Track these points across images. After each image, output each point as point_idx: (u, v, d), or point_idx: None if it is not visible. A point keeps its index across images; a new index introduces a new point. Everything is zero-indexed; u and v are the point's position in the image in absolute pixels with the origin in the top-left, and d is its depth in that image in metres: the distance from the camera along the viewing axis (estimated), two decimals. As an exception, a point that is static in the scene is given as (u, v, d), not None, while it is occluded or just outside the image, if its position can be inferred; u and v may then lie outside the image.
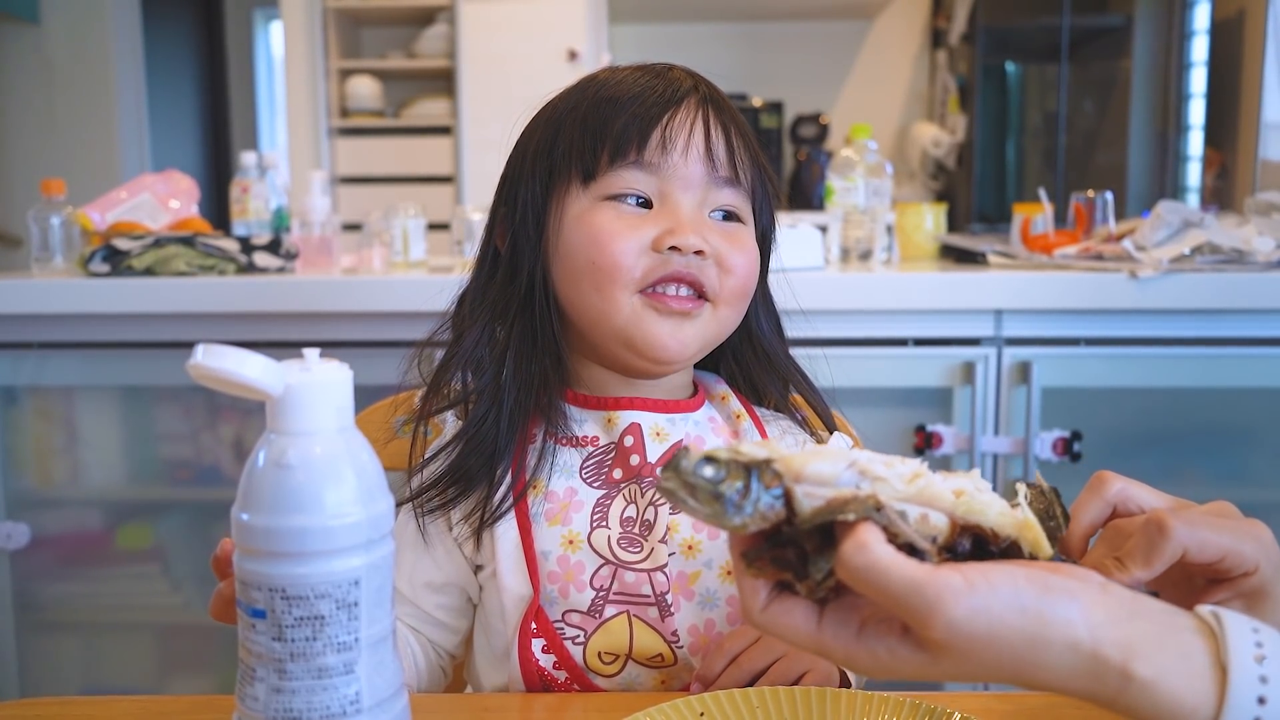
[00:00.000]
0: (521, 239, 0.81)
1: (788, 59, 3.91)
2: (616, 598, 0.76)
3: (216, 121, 5.43)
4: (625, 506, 0.78)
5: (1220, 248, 1.62)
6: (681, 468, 0.47)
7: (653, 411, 0.81)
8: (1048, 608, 0.45)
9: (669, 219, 0.77)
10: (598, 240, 0.76)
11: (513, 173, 0.83)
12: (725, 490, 0.46)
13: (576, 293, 0.78)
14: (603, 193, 0.77)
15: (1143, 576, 0.53)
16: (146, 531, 1.87)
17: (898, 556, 0.45)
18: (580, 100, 0.80)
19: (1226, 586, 0.54)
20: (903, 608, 0.45)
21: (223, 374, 0.49)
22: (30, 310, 1.67)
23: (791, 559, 0.48)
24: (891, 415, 1.66)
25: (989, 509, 0.49)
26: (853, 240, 1.84)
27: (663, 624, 0.76)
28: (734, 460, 0.47)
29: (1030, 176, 3.43)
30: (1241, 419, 1.70)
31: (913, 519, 0.48)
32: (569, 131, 0.79)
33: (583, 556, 0.76)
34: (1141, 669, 0.44)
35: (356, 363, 0.56)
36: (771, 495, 0.47)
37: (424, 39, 3.63)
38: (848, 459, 0.48)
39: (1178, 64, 2.93)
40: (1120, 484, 0.57)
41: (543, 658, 0.76)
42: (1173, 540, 0.52)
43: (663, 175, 0.77)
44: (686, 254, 0.76)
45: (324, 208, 2.01)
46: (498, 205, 0.84)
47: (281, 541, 0.51)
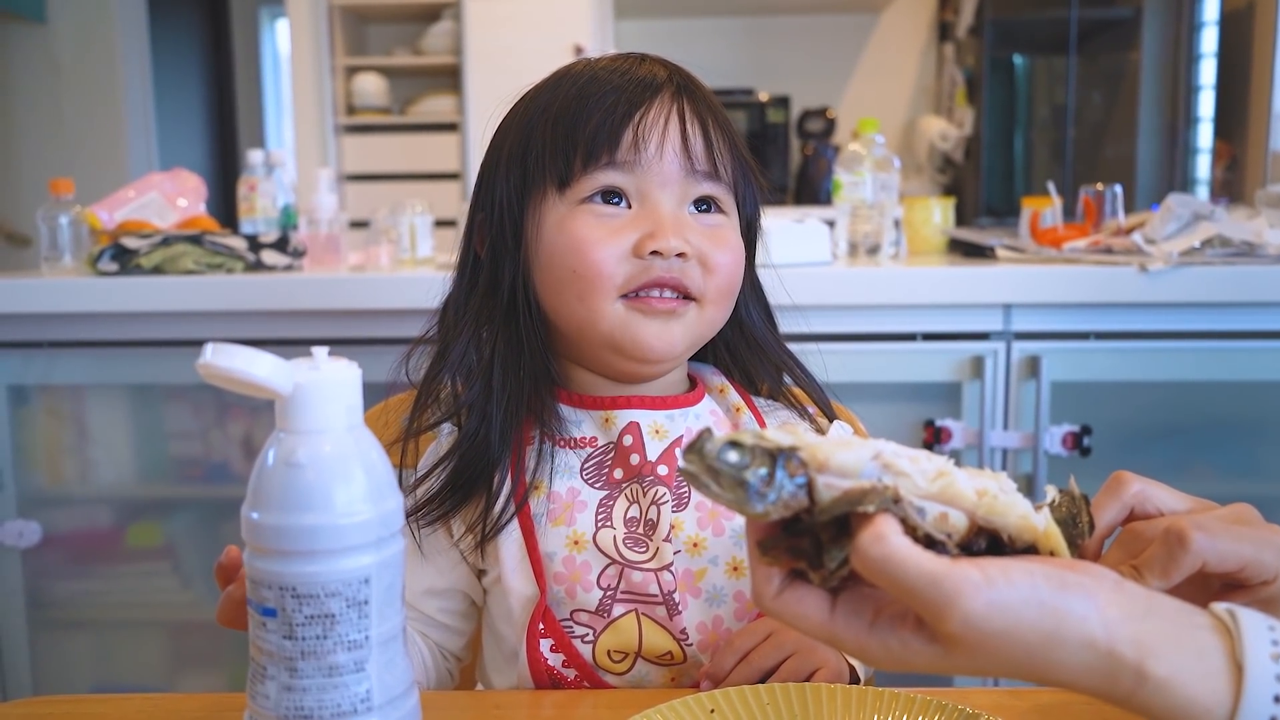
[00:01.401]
0: (500, 246, 0.80)
1: (794, 53, 3.90)
2: (624, 597, 0.76)
3: (223, 120, 5.43)
4: (629, 506, 0.77)
5: (1231, 241, 1.62)
6: (705, 450, 0.46)
7: (650, 409, 0.80)
8: (1064, 604, 0.45)
9: (648, 221, 0.75)
10: (579, 249, 0.74)
11: (488, 176, 0.81)
12: (749, 477, 0.45)
13: (560, 301, 0.77)
14: (579, 196, 0.76)
15: (1160, 587, 0.52)
16: (156, 529, 1.88)
17: (915, 549, 0.45)
18: (551, 100, 0.78)
19: (1243, 593, 0.54)
20: (918, 601, 0.45)
21: (232, 373, 0.49)
22: (39, 309, 1.67)
23: (807, 548, 0.47)
24: (900, 410, 1.66)
25: (1011, 512, 0.49)
26: (860, 235, 1.83)
27: (671, 622, 0.75)
28: (759, 446, 0.46)
29: (1038, 170, 3.41)
30: (1252, 413, 1.69)
31: (931, 517, 0.47)
32: (541, 135, 0.77)
33: (589, 557, 0.76)
34: (1157, 667, 0.44)
35: (364, 360, 0.56)
36: (795, 484, 0.46)
37: (430, 36, 3.63)
38: (873, 450, 0.47)
39: (1187, 56, 2.91)
40: (1139, 485, 0.57)
41: (551, 657, 0.76)
42: (1192, 553, 0.51)
43: (639, 174, 0.76)
44: (669, 257, 0.74)
45: (331, 205, 2.01)
46: (475, 209, 0.83)
47: (292, 540, 0.51)
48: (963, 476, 0.49)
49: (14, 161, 4.04)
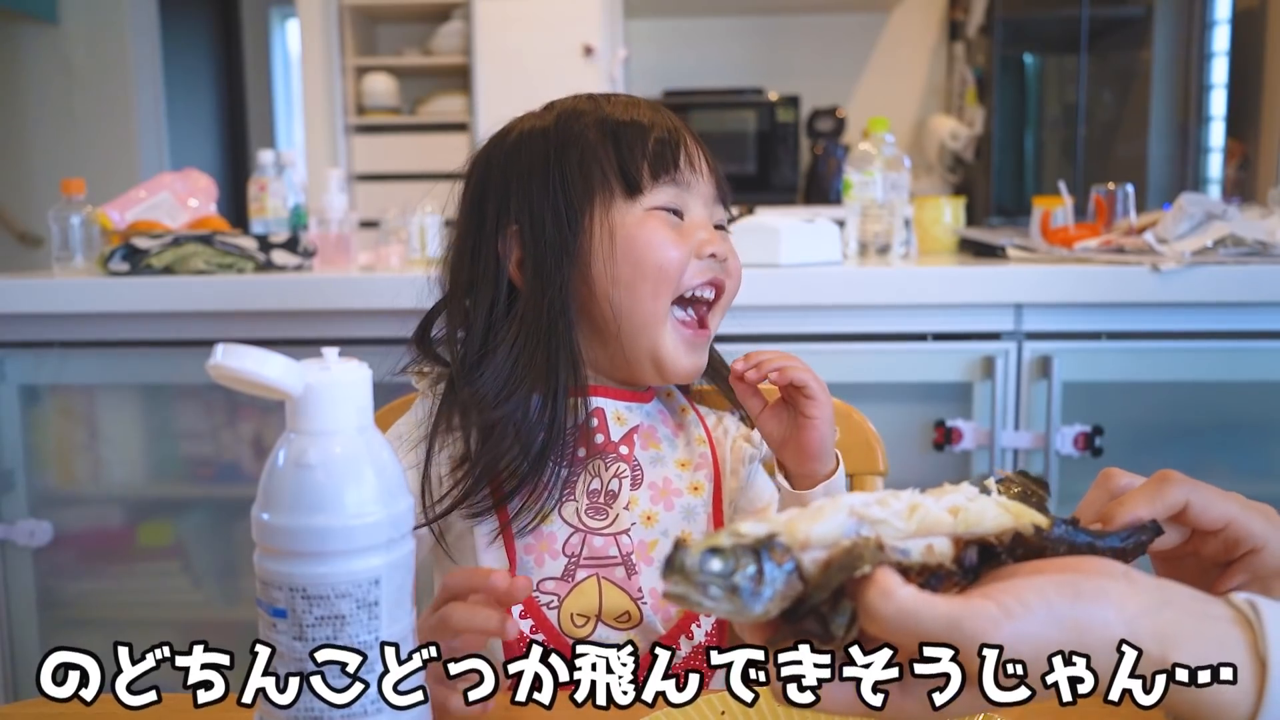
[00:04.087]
0: (547, 251, 0.84)
1: (804, 52, 3.90)
2: (587, 562, 0.84)
3: (234, 120, 5.45)
4: (590, 480, 0.86)
5: (1244, 240, 1.61)
6: (687, 568, 0.43)
7: (614, 399, 0.89)
8: (1082, 615, 0.44)
9: (700, 229, 0.86)
10: (661, 246, 0.84)
11: (508, 190, 0.86)
12: (739, 580, 0.43)
13: (631, 296, 0.84)
14: (649, 204, 0.85)
15: (1143, 514, 0.54)
16: (167, 529, 1.88)
17: (925, 596, 0.44)
18: (593, 123, 0.86)
19: (1240, 568, 0.55)
20: (941, 646, 0.44)
21: (243, 374, 0.49)
22: (51, 309, 1.68)
23: (813, 628, 0.46)
24: (911, 411, 1.65)
25: (984, 516, 0.49)
26: (871, 234, 1.83)
27: (629, 582, 0.84)
28: (739, 545, 0.44)
29: (1049, 169, 3.40)
30: (1265, 413, 1.68)
31: (917, 553, 0.47)
32: (598, 148, 0.85)
33: (554, 528, 0.84)
34: (1179, 659, 0.44)
35: (374, 360, 0.56)
36: (785, 571, 0.44)
37: (440, 36, 3.64)
38: (845, 509, 0.47)
39: (1198, 54, 2.90)
40: (1123, 478, 0.58)
41: (521, 623, 0.82)
42: (1175, 487, 0.54)
43: (689, 191, 0.87)
44: (721, 260, 0.86)
45: (341, 205, 2.01)
46: (496, 228, 0.87)
47: (302, 541, 0.51)
48: (931, 502, 0.48)
49: (26, 162, 4.05)
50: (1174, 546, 0.57)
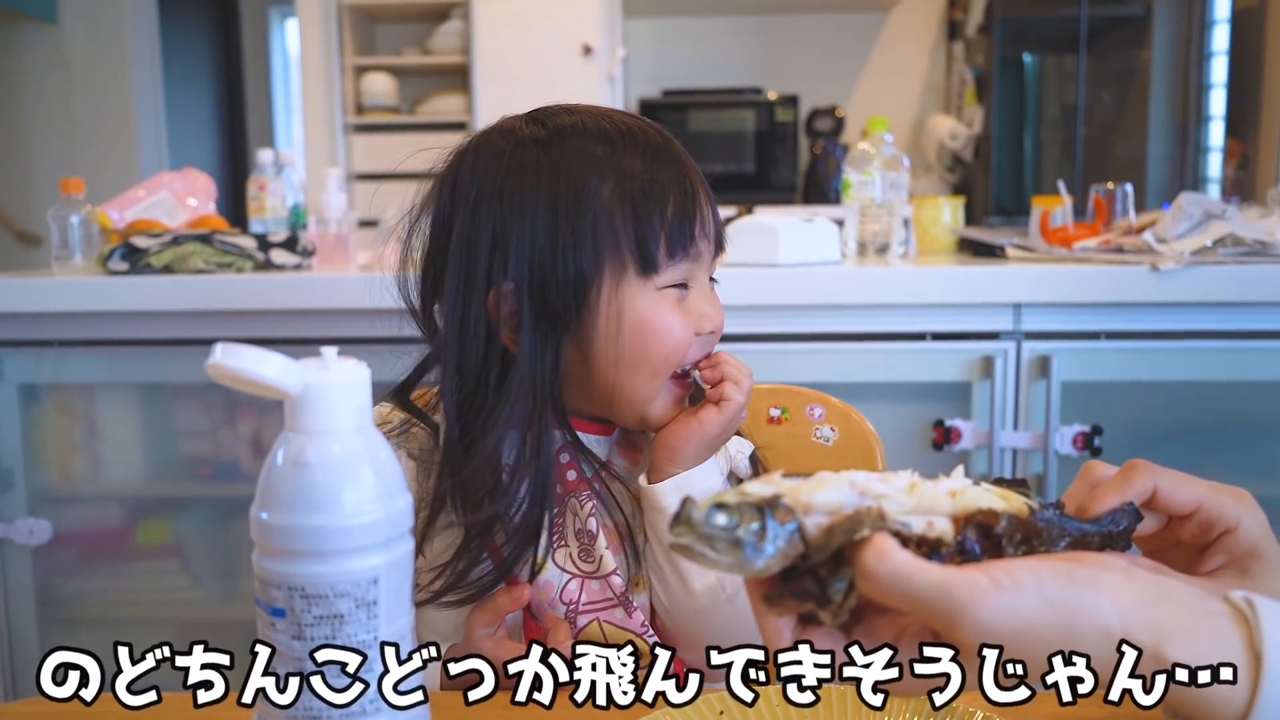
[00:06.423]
0: (547, 325, 0.78)
1: (803, 52, 3.89)
2: (586, 608, 0.82)
3: (233, 119, 5.44)
4: (573, 520, 0.83)
5: (1243, 239, 1.61)
6: (693, 520, 0.45)
7: (583, 431, 0.84)
8: (1074, 598, 0.45)
9: (700, 302, 0.81)
10: (670, 333, 0.79)
11: (504, 236, 0.78)
12: (742, 535, 0.45)
13: (628, 377, 0.79)
14: (662, 284, 0.79)
15: (1114, 501, 0.54)
16: (166, 528, 1.88)
17: (919, 561, 0.45)
18: (610, 175, 0.78)
19: (1217, 550, 0.55)
20: (930, 611, 0.45)
21: (241, 373, 0.49)
22: (50, 308, 1.68)
23: (810, 588, 0.47)
24: (910, 410, 1.65)
25: (979, 500, 0.50)
26: (870, 234, 1.83)
27: (630, 620, 0.81)
28: (744, 502, 0.46)
29: (1048, 169, 3.40)
30: (1264, 413, 1.68)
31: (919, 527, 0.48)
32: (614, 215, 0.77)
33: (549, 576, 0.82)
34: (1174, 652, 0.44)
35: (373, 360, 0.56)
36: (787, 530, 0.46)
37: (438, 35, 3.63)
38: (847, 480, 0.48)
39: (1198, 54, 2.90)
40: (1101, 469, 0.58)
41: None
42: (1142, 474, 0.54)
43: (698, 262, 0.81)
44: (717, 335, 0.82)
45: (340, 204, 2.01)
46: (488, 277, 0.79)
47: (300, 540, 0.51)
48: (930, 485, 0.50)
49: (25, 161, 4.05)
50: (1154, 534, 0.57)
